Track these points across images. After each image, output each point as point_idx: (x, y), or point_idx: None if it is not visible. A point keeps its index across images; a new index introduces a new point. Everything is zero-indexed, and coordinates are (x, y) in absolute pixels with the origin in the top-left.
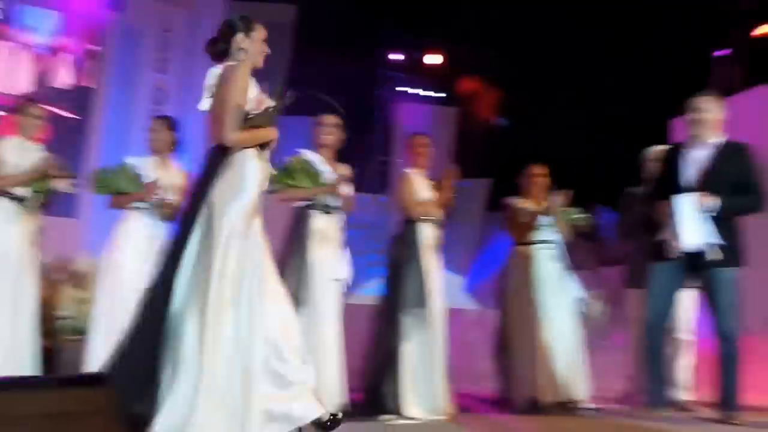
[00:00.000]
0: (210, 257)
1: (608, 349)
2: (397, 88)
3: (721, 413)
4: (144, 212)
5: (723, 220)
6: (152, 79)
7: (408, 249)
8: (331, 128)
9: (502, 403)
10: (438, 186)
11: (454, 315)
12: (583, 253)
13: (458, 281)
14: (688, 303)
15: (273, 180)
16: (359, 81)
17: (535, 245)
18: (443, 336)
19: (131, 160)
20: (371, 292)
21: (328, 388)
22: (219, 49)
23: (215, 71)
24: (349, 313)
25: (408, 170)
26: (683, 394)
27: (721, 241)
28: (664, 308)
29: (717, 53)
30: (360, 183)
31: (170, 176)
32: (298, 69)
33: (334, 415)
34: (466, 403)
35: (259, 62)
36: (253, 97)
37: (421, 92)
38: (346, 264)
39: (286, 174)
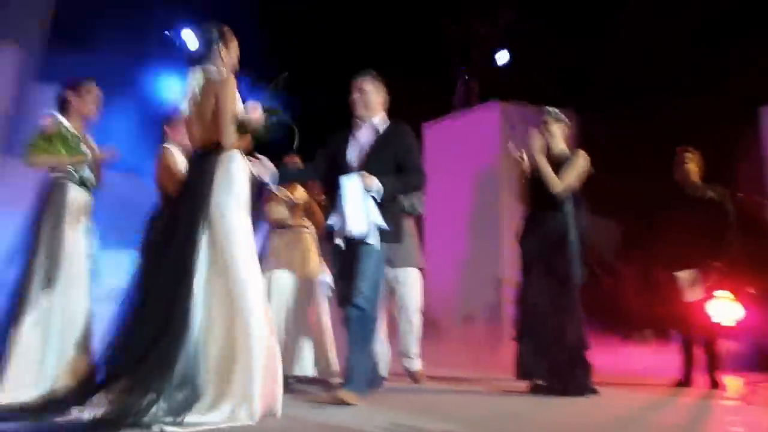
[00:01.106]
0: (219, 249)
1: None
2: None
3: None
4: None
5: (383, 200)
6: None
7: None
8: (95, 98)
9: None
10: None
11: None
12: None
13: None
14: (413, 285)
15: (27, 144)
16: (132, 55)
17: (291, 231)
18: None
19: None
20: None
21: (78, 366)
22: (201, 54)
23: (197, 75)
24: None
25: (168, 146)
26: (416, 364)
27: (383, 223)
28: (348, 291)
29: (462, 69)
30: (128, 163)
31: None
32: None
33: None
34: None
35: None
36: (245, 108)
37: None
38: (94, 240)
39: (42, 138)
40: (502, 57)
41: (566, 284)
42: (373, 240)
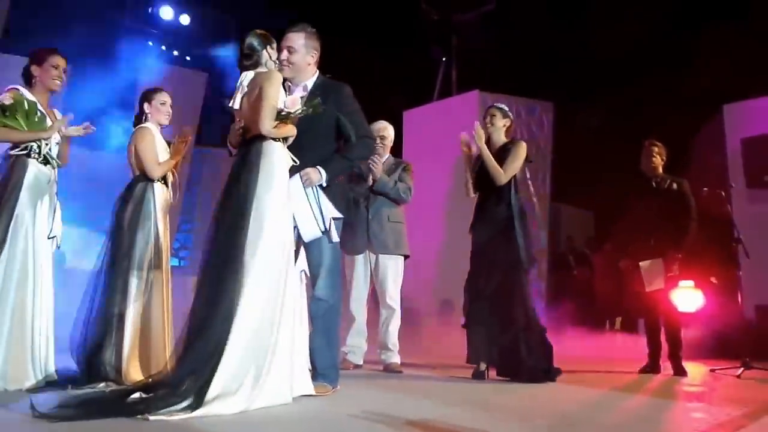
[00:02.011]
0: (262, 234)
1: None
2: (146, 44)
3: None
4: None
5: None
6: None
7: (140, 210)
8: (61, 72)
9: None
10: (173, 147)
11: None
12: None
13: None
14: (394, 272)
15: None
16: (104, 31)
17: None
18: (170, 298)
19: None
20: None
21: (39, 352)
22: (254, 62)
23: (249, 75)
24: (79, 278)
25: (147, 125)
26: (394, 357)
27: (337, 213)
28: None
29: (444, 59)
30: (97, 140)
31: None
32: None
33: None
34: None
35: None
36: (285, 99)
37: (174, 52)
38: (59, 220)
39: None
40: None
41: (513, 271)
42: (334, 236)
